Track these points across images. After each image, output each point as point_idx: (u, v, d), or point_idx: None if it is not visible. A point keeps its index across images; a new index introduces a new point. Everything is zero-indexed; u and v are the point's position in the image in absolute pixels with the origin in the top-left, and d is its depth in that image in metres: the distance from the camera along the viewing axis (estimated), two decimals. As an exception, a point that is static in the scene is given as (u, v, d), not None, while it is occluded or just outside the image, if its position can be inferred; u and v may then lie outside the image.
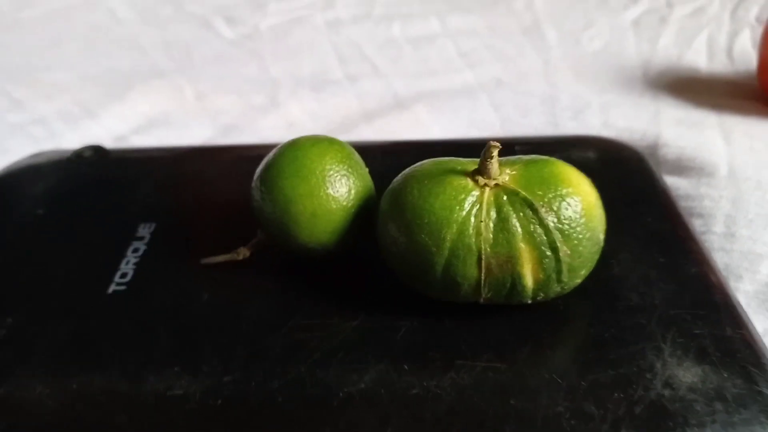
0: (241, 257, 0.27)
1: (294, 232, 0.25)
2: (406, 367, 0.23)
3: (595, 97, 0.44)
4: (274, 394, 0.22)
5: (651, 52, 0.51)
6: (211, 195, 0.33)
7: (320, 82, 0.48)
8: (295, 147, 0.26)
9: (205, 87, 0.48)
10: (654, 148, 0.38)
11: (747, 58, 0.49)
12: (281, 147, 0.26)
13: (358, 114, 0.44)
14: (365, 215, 0.26)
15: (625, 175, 0.34)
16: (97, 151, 0.37)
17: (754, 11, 0.56)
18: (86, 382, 0.23)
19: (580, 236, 0.23)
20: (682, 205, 0.34)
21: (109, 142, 0.42)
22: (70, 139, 0.44)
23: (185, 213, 0.32)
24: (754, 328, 0.25)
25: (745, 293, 0.29)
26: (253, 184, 0.26)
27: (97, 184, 0.35)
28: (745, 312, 0.26)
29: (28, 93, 0.48)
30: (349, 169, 0.26)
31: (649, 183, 0.33)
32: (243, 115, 0.45)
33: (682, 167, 0.36)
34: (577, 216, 0.23)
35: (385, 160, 0.28)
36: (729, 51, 0.51)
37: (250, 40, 0.53)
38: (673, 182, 0.35)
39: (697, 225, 0.33)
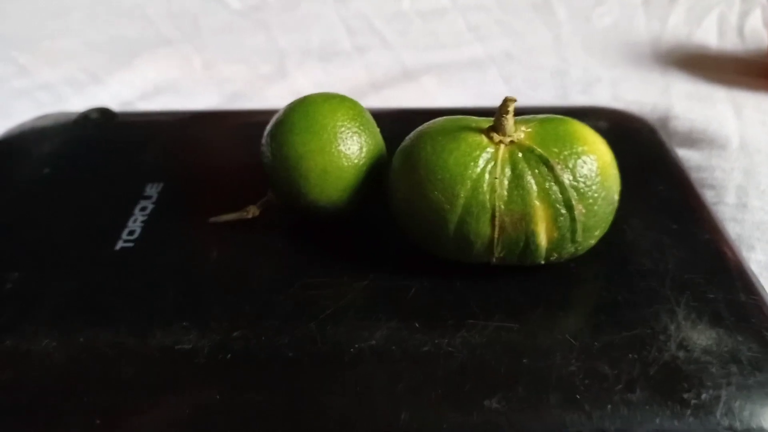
0: (250, 215, 0.26)
1: (304, 189, 0.25)
2: (416, 325, 0.23)
3: (605, 71, 0.44)
4: (283, 349, 0.22)
5: (661, 30, 0.50)
6: (218, 157, 0.33)
7: (328, 54, 0.47)
8: (306, 103, 0.25)
9: (213, 56, 0.48)
10: (664, 120, 0.38)
11: (758, 36, 0.49)
12: (292, 103, 0.26)
13: (365, 84, 0.43)
14: (376, 174, 0.25)
15: (636, 145, 0.33)
16: (104, 113, 0.37)
17: (765, -9, 0.55)
18: (92, 336, 0.23)
19: (596, 195, 0.22)
20: (694, 176, 0.34)
21: (115, 108, 0.41)
22: (76, 104, 0.43)
23: (193, 174, 0.31)
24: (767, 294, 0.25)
25: (757, 263, 0.29)
26: (264, 141, 0.26)
27: (104, 146, 0.34)
28: (758, 279, 0.26)
29: (33, 59, 0.47)
30: (361, 127, 0.25)
31: (660, 153, 0.33)
32: (250, 84, 0.44)
33: (693, 139, 0.36)
34: (593, 174, 0.22)
35: (394, 126, 0.28)
36: (740, 30, 0.50)
37: (258, 11, 0.52)
38: (684, 154, 0.35)
39: (708, 196, 0.32)
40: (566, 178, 0.22)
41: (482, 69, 0.45)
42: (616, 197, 0.24)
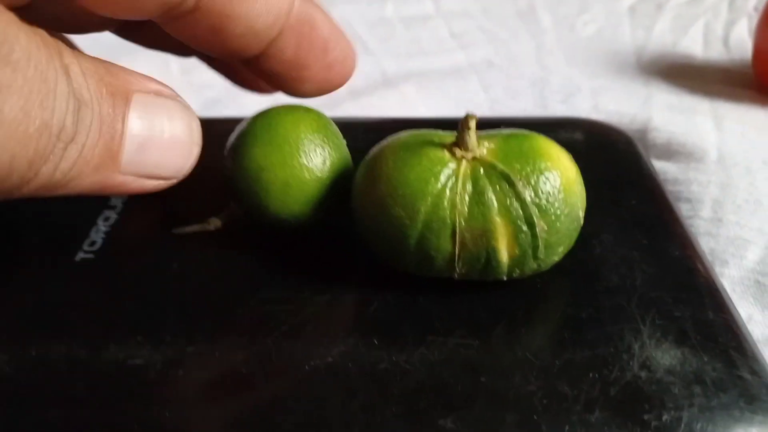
0: (212, 227, 0.26)
1: (265, 202, 0.24)
2: (375, 341, 0.22)
3: (587, 81, 0.44)
4: (238, 365, 0.22)
5: (646, 39, 0.50)
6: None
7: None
8: (269, 115, 0.25)
9: (191, 62, 0.47)
10: (643, 132, 0.37)
11: (743, 46, 0.49)
12: (254, 115, 0.25)
13: (344, 91, 0.43)
14: (340, 187, 0.25)
15: (611, 157, 0.33)
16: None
17: (752, 0, 0.55)
18: (45, 349, 0.22)
19: (558, 212, 0.22)
20: (670, 189, 0.33)
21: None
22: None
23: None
24: (738, 312, 0.25)
25: (730, 279, 0.29)
26: (225, 153, 0.25)
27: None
28: (728, 296, 0.25)
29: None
30: (325, 139, 0.25)
31: (636, 166, 0.32)
32: (228, 90, 0.44)
33: (671, 152, 0.36)
34: (556, 191, 0.22)
35: (369, 136, 0.27)
36: (725, 40, 0.50)
37: (240, 16, 0.52)
38: (661, 166, 0.35)
39: (684, 209, 0.32)
40: (528, 194, 0.22)
41: (463, 77, 0.44)
42: (581, 214, 0.23)
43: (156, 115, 0.20)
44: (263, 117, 0.25)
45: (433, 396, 0.21)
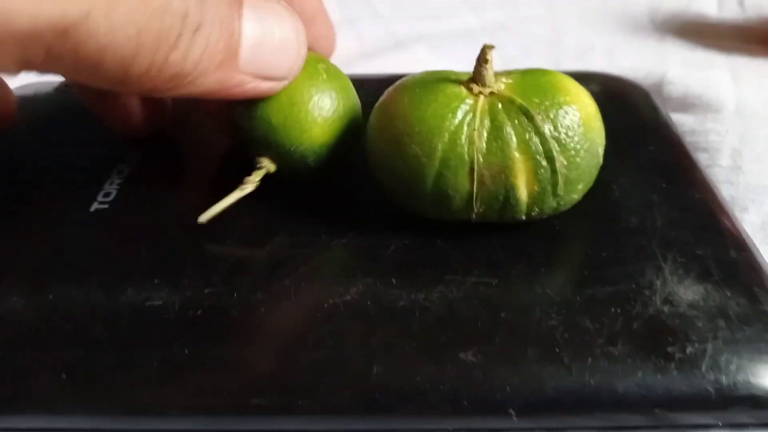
0: (249, 190, 0.24)
1: (282, 141, 0.24)
2: (393, 281, 0.22)
3: (600, 39, 0.43)
4: (257, 305, 0.21)
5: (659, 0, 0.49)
6: (195, 125, 0.32)
7: (318, 25, 0.46)
8: None
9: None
10: (659, 86, 0.37)
11: (759, 5, 0.48)
12: None
13: (356, 54, 0.43)
14: (353, 132, 0.25)
15: (628, 108, 0.33)
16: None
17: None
18: (63, 294, 0.22)
19: (578, 146, 0.22)
20: (688, 140, 0.33)
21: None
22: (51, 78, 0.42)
23: (171, 139, 0.31)
24: (760, 252, 0.24)
25: (751, 224, 0.28)
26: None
27: (83, 113, 0.34)
28: (749, 237, 0.25)
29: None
30: (334, 85, 0.25)
31: (652, 116, 0.32)
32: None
33: (687, 104, 0.35)
34: (575, 125, 0.22)
35: (381, 90, 0.27)
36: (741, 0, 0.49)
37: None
38: (678, 118, 0.34)
39: (702, 158, 0.32)
40: (547, 128, 0.21)
41: (474, 38, 0.44)
42: (600, 150, 0.23)
43: (266, 18, 0.21)
44: None
45: (453, 331, 0.20)
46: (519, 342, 0.20)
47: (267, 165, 0.25)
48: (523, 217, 0.23)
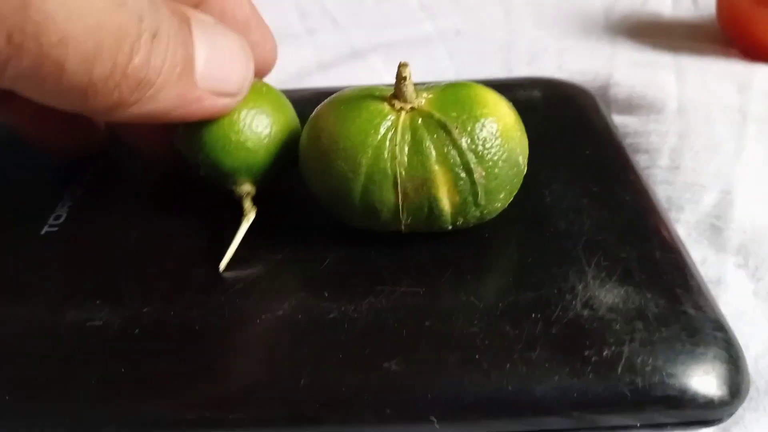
0: (252, 218, 0.25)
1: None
2: (326, 294, 0.23)
3: (553, 42, 0.44)
4: (193, 321, 0.22)
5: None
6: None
7: (279, 36, 0.47)
8: None
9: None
10: (605, 88, 0.38)
11: (711, 2, 0.48)
12: None
13: (313, 64, 0.43)
14: (290, 151, 0.26)
15: (569, 113, 0.33)
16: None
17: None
18: (5, 314, 0.23)
19: (495, 157, 0.23)
20: (630, 142, 0.34)
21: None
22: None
23: (128, 157, 0.31)
24: (687, 252, 0.25)
25: (686, 223, 0.29)
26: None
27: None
28: (678, 237, 0.26)
29: None
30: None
31: (593, 120, 0.33)
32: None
33: (632, 105, 0.36)
34: (492, 136, 0.22)
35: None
36: (695, -4, 0.50)
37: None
38: (622, 120, 0.35)
39: (642, 160, 0.32)
40: (464, 141, 0.22)
41: (430, 46, 0.44)
42: (521, 159, 0.24)
43: (213, 34, 0.22)
44: None
45: (378, 341, 0.21)
46: (441, 350, 0.21)
47: (249, 189, 0.25)
48: (450, 227, 0.24)
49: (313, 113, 0.24)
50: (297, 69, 0.43)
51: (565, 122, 0.32)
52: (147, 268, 0.25)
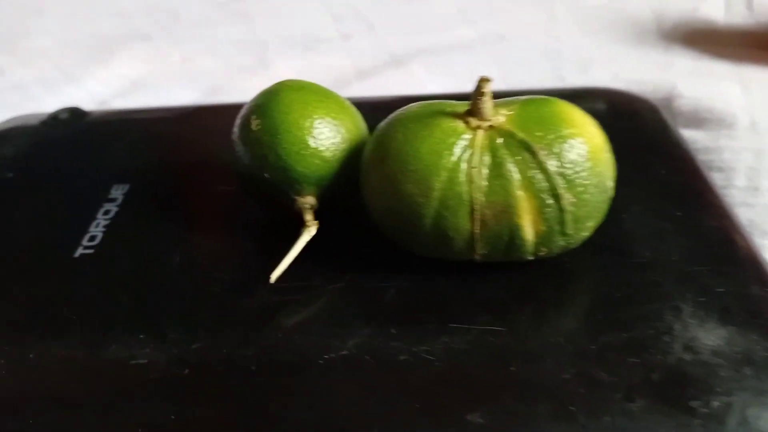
0: (314, 232, 0.23)
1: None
2: (393, 331, 0.21)
3: (603, 50, 0.41)
4: (246, 361, 0.20)
5: (663, 5, 0.47)
6: (190, 155, 0.31)
7: (311, 41, 0.45)
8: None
9: (191, 50, 0.46)
10: (668, 100, 0.35)
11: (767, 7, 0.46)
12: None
13: (350, 72, 0.41)
14: (352, 168, 0.23)
15: (637, 127, 0.31)
16: (74, 112, 0.35)
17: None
18: (43, 351, 0.21)
19: (586, 182, 0.20)
20: (701, 158, 0.31)
21: (90, 107, 0.40)
22: (50, 104, 0.41)
23: (161, 174, 0.29)
24: (784, 285, 0.23)
25: (771, 250, 0.27)
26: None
27: (72, 146, 0.33)
28: (771, 268, 0.23)
29: (6, 60, 0.45)
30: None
31: (663, 135, 0.30)
32: (229, 77, 0.42)
33: (699, 119, 0.34)
34: (582, 159, 0.20)
35: (378, 115, 0.26)
36: (749, 2, 0.48)
37: (238, 2, 0.50)
38: (689, 135, 0.33)
39: (717, 179, 0.30)
40: (552, 164, 0.20)
41: (472, 52, 0.42)
42: (610, 184, 0.21)
43: None
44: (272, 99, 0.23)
45: (457, 388, 0.19)
46: (530, 399, 0.19)
47: (314, 201, 0.23)
48: (531, 257, 0.21)
49: (378, 130, 0.22)
50: (334, 77, 0.41)
51: (634, 137, 0.30)
52: (191, 299, 0.22)
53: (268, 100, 0.23)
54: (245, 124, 0.23)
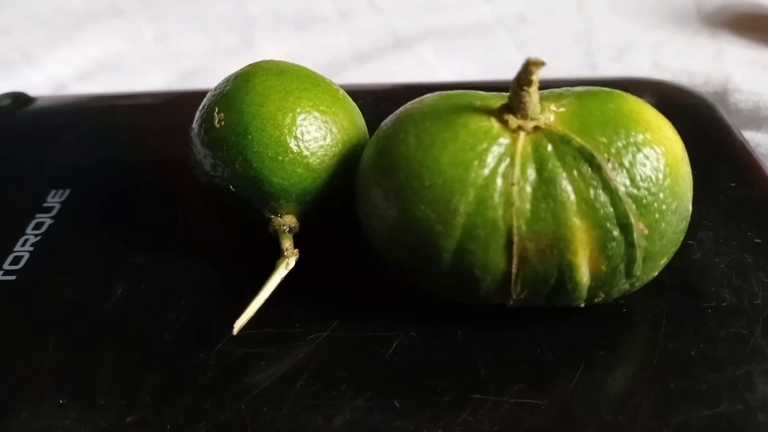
0: (292, 266, 0.17)
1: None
2: (396, 403, 0.15)
3: (641, 34, 0.36)
4: (198, 444, 0.15)
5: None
6: (148, 154, 0.25)
7: (306, 19, 0.40)
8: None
9: (168, 27, 0.40)
10: (722, 94, 0.30)
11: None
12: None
13: (348, 55, 0.36)
14: (345, 178, 0.18)
15: (693, 127, 0.25)
16: (17, 98, 0.30)
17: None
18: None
19: (664, 206, 0.15)
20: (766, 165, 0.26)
21: (45, 91, 0.34)
22: (3, 89, 0.36)
23: (111, 177, 0.24)
24: None
25: None
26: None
27: (8, 140, 0.27)
28: None
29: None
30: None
31: (725, 138, 0.25)
32: (209, 58, 0.37)
33: (761, 118, 0.28)
34: (660, 175, 0.15)
35: (380, 108, 0.20)
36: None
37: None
38: (751, 137, 0.28)
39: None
40: (620, 182, 0.15)
41: (490, 34, 0.37)
42: (690, 207, 0.16)
43: None
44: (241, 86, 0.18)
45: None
46: None
47: (290, 222, 0.18)
48: (582, 305, 0.16)
49: (381, 130, 0.17)
50: (328, 60, 0.36)
51: (692, 142, 0.24)
52: (134, 347, 0.17)
53: (237, 87, 0.18)
54: (206, 118, 0.18)
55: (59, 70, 0.37)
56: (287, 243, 0.17)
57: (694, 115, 0.26)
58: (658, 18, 0.38)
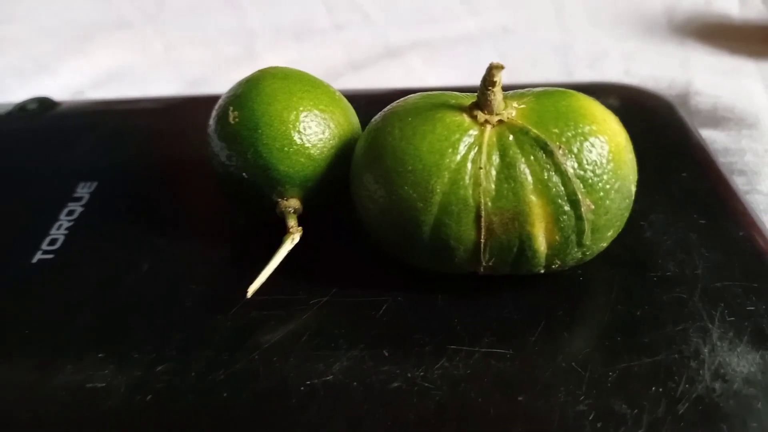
0: (297, 241, 0.20)
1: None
2: (385, 353, 0.18)
3: (614, 44, 0.39)
4: (218, 387, 0.18)
5: (676, -2, 0.45)
6: (165, 152, 0.28)
7: (303, 31, 0.42)
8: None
9: (175, 39, 0.43)
10: (684, 97, 0.33)
11: (785, 2, 0.44)
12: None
13: (343, 64, 0.39)
14: (342, 167, 0.21)
15: (653, 126, 0.29)
16: (43, 103, 0.32)
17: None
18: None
19: (607, 186, 0.18)
20: (721, 160, 0.29)
21: (63, 98, 0.37)
22: (23, 96, 0.38)
23: (133, 171, 0.27)
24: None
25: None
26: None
27: (38, 139, 0.30)
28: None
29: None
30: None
31: (682, 135, 0.28)
32: (214, 67, 0.40)
33: (717, 118, 0.31)
34: (604, 160, 0.18)
35: (372, 109, 0.23)
36: (763, -4, 0.45)
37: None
38: (708, 135, 0.30)
39: (739, 183, 0.28)
40: (570, 165, 0.17)
41: (475, 45, 0.40)
42: (633, 188, 0.19)
43: None
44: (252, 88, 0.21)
45: (459, 421, 0.16)
46: (541, 436, 0.16)
47: (298, 205, 0.21)
48: (542, 270, 0.19)
49: (371, 125, 0.20)
50: (325, 69, 0.38)
51: (650, 137, 0.27)
52: (160, 313, 0.20)
53: (248, 90, 0.21)
54: (222, 116, 0.21)
55: (75, 78, 0.40)
56: (292, 222, 0.20)
57: (655, 115, 0.29)
58: (631, 29, 0.41)
